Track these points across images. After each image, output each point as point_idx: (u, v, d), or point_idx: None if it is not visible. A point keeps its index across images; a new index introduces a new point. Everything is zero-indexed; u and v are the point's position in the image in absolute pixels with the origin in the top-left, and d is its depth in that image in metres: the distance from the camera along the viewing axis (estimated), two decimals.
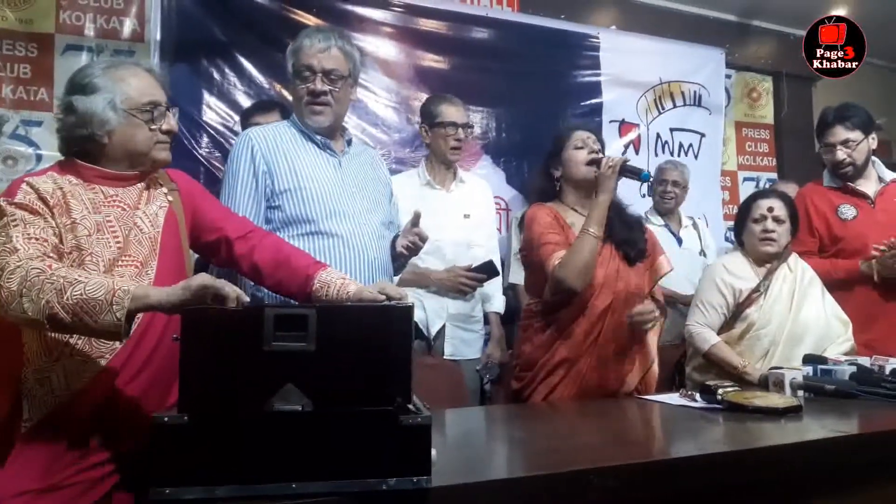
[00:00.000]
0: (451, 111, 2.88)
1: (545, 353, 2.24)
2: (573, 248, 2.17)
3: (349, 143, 2.21)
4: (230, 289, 1.28)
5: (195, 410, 1.10)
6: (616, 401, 2.19)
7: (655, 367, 2.35)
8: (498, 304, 3.06)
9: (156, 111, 1.58)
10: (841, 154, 2.88)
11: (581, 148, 2.33)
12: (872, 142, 2.93)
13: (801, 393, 2.07)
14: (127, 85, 1.56)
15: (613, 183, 2.24)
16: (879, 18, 4.17)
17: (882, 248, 2.68)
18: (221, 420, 1.10)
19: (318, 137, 2.12)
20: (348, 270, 1.97)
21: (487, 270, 2.74)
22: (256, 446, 1.10)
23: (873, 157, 2.98)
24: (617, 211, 2.32)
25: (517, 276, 3.11)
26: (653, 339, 2.33)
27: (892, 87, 5.67)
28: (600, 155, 2.31)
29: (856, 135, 2.88)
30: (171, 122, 1.62)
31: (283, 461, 1.10)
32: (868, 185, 2.93)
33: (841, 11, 4.82)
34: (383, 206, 2.22)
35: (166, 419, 1.09)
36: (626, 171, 2.24)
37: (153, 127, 1.58)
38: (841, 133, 2.88)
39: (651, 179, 2.29)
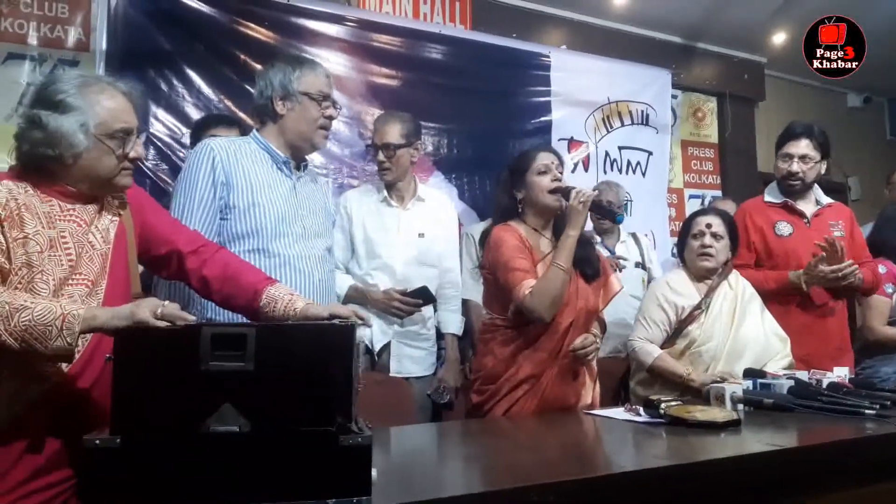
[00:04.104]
0: (380, 132, 2.86)
1: (509, 368, 2.25)
2: (544, 280, 2.18)
3: (305, 167, 2.23)
4: (180, 315, 1.26)
5: (128, 432, 1.08)
6: (563, 415, 2.21)
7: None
8: (455, 325, 2.99)
9: (125, 138, 1.53)
10: (796, 166, 2.93)
11: (545, 173, 2.31)
12: (823, 167, 3.00)
13: (740, 407, 2.11)
14: (101, 108, 1.50)
15: (584, 219, 2.23)
16: None
17: (818, 258, 2.75)
18: (155, 442, 1.08)
19: (280, 156, 2.13)
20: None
21: (422, 296, 2.71)
22: (192, 469, 1.08)
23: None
24: None
25: (470, 292, 3.10)
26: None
27: (829, 107, 5.90)
28: (566, 184, 2.30)
29: (815, 154, 2.94)
30: (138, 149, 1.57)
31: (220, 483, 1.09)
32: (806, 206, 3.01)
33: (782, 35, 5.02)
34: (329, 232, 2.27)
35: (97, 441, 1.07)
36: (601, 209, 2.23)
37: (120, 153, 1.52)
38: (804, 147, 2.94)
39: (622, 221, 2.29)
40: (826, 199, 3.07)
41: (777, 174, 3.05)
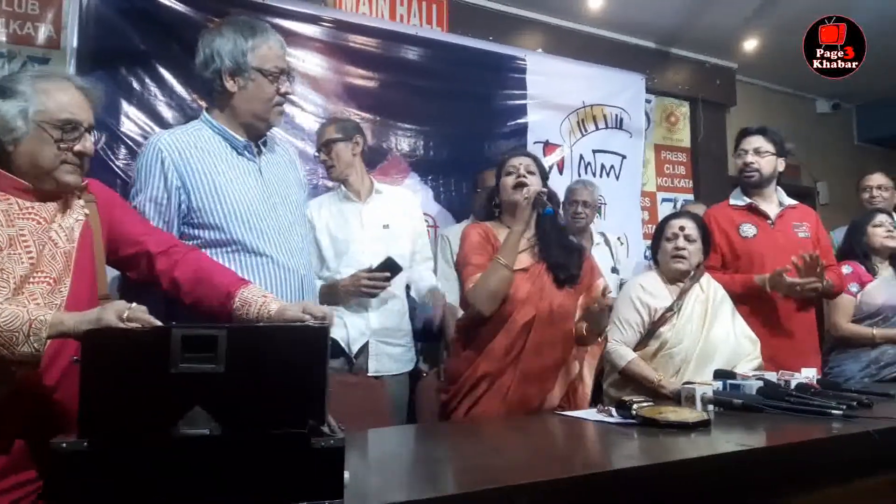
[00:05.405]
0: (319, 137, 2.95)
1: (469, 366, 2.28)
2: (484, 274, 2.25)
3: (265, 143, 2.03)
4: (147, 319, 1.26)
5: (96, 435, 1.06)
6: (536, 417, 2.22)
7: (586, 382, 2.41)
8: (429, 280, 2.96)
9: (71, 131, 1.50)
10: (750, 158, 3.05)
11: (511, 174, 2.39)
12: (780, 164, 3.10)
13: (711, 407, 2.13)
14: (48, 97, 1.49)
15: (528, 214, 2.30)
16: (788, 49, 4.40)
17: (783, 269, 2.78)
18: (124, 445, 1.06)
19: (239, 141, 1.95)
20: (279, 290, 1.87)
21: (389, 268, 2.66)
22: (162, 472, 1.07)
23: (777, 186, 3.14)
24: (558, 235, 2.40)
25: (445, 294, 3.09)
26: (587, 363, 2.41)
27: (798, 112, 6.00)
28: (524, 180, 2.36)
29: (769, 147, 3.05)
30: (85, 144, 1.52)
31: (190, 487, 1.07)
32: (770, 207, 3.09)
33: (753, 42, 5.10)
34: (301, 212, 2.11)
35: (64, 445, 1.04)
36: (536, 203, 2.30)
37: (62, 146, 1.49)
38: (757, 141, 3.06)
39: (552, 214, 2.36)
40: (790, 201, 3.15)
41: (736, 171, 3.18)
